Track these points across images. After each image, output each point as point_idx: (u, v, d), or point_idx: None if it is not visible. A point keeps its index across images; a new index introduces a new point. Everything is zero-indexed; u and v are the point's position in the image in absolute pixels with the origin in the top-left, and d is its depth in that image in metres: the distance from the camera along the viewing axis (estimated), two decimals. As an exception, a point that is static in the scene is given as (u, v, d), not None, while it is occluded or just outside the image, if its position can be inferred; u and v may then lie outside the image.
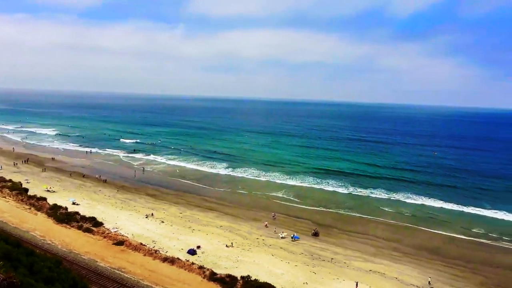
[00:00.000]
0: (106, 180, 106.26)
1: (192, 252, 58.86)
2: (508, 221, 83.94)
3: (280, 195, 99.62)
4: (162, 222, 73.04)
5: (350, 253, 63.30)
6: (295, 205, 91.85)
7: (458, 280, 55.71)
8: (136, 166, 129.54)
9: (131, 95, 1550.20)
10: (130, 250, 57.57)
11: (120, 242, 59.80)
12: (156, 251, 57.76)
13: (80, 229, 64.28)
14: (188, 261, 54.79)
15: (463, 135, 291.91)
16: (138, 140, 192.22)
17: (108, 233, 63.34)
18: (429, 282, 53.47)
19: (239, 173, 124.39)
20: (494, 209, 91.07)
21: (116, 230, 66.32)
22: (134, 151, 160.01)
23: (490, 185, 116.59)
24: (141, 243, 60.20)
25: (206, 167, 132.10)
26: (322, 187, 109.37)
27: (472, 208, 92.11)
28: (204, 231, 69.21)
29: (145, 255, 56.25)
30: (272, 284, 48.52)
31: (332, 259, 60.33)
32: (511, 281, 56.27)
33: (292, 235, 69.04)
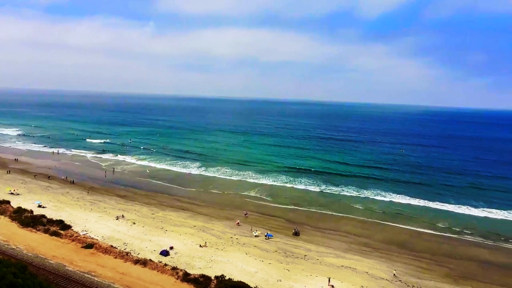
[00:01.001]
0: (73, 182, 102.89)
1: (164, 253, 58.09)
2: (470, 215, 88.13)
3: (253, 193, 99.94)
4: (134, 223, 71.59)
5: (323, 250, 64.47)
6: (268, 203, 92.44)
7: (424, 272, 58.03)
8: (104, 167, 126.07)
9: (100, 93, 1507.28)
10: (100, 253, 56.10)
11: (89, 245, 58.14)
12: (127, 253, 56.59)
13: (46, 233, 61.95)
14: (160, 262, 54.08)
15: (429, 133, 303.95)
16: (107, 140, 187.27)
17: (76, 236, 61.40)
18: (394, 274, 55.43)
19: (211, 172, 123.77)
20: (458, 204, 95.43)
21: (85, 232, 64.42)
22: (104, 152, 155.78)
23: (453, 181, 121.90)
24: (112, 246, 58.80)
25: (178, 167, 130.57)
26: (294, 185, 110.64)
27: (437, 203, 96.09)
28: (177, 232, 68.42)
29: (116, 257, 54.98)
30: (246, 283, 48.72)
31: (305, 256, 61.23)
32: (473, 272, 59.18)
33: (265, 233, 69.50)
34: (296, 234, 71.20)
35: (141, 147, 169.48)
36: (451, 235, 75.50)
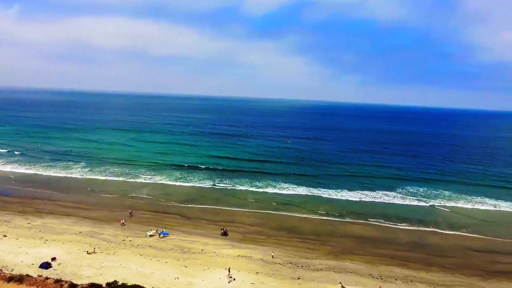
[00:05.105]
0: None
1: (45, 265, 52.17)
2: (346, 200, 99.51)
3: (145, 192, 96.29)
4: (5, 236, 62.45)
5: (220, 242, 65.77)
6: (161, 201, 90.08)
7: (312, 252, 64.05)
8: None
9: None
10: (-39, 275, 47.56)
11: None
12: (-2, 270, 49.21)
13: None
14: (41, 276, 48.54)
15: (311, 126, 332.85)
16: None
17: None
18: (272, 256, 60.23)
19: (98, 174, 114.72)
20: (336, 190, 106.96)
21: None
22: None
23: (332, 170, 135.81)
24: (-23, 264, 50.43)
25: (59, 169, 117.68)
26: (187, 182, 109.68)
27: (320, 190, 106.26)
28: (60, 240, 61.98)
29: (-18, 277, 47.29)
30: (142, 285, 47.04)
31: (202, 250, 61.63)
32: (350, 247, 67.75)
33: (160, 232, 67.71)
34: (225, 234, 70.07)
35: (8, 149, 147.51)
36: (332, 218, 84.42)
